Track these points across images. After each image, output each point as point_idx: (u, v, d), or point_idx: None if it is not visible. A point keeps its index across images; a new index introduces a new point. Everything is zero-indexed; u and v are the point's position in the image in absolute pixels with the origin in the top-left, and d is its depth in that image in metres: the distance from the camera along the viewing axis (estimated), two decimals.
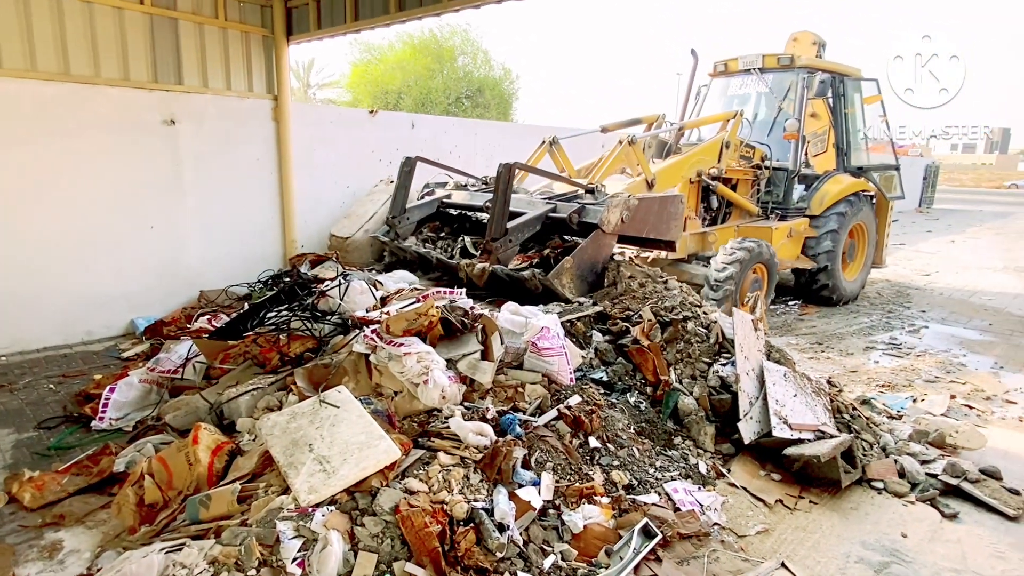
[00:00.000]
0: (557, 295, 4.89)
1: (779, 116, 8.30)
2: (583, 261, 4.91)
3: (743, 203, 7.93)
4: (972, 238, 16.37)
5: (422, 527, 2.67)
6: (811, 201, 8.20)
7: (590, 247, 4.92)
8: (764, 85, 8.42)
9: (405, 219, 6.22)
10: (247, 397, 3.79)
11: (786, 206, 8.19)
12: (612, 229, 4.97)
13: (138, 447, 3.75)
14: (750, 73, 8.47)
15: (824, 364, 6.11)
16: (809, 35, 8.87)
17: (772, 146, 8.20)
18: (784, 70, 8.18)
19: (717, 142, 7.43)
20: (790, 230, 7.94)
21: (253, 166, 7.22)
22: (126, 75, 6.14)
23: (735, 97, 8.83)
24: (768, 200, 8.21)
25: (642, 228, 5.22)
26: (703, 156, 7.34)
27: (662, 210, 5.37)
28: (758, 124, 8.49)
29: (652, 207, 5.30)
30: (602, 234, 4.94)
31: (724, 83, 8.98)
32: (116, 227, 6.20)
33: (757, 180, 8.13)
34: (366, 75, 25.36)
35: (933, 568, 3.03)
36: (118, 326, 6.35)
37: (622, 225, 5.01)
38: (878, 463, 3.82)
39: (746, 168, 7.96)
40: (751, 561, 3.04)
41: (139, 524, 3.11)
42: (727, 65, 8.73)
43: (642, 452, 3.70)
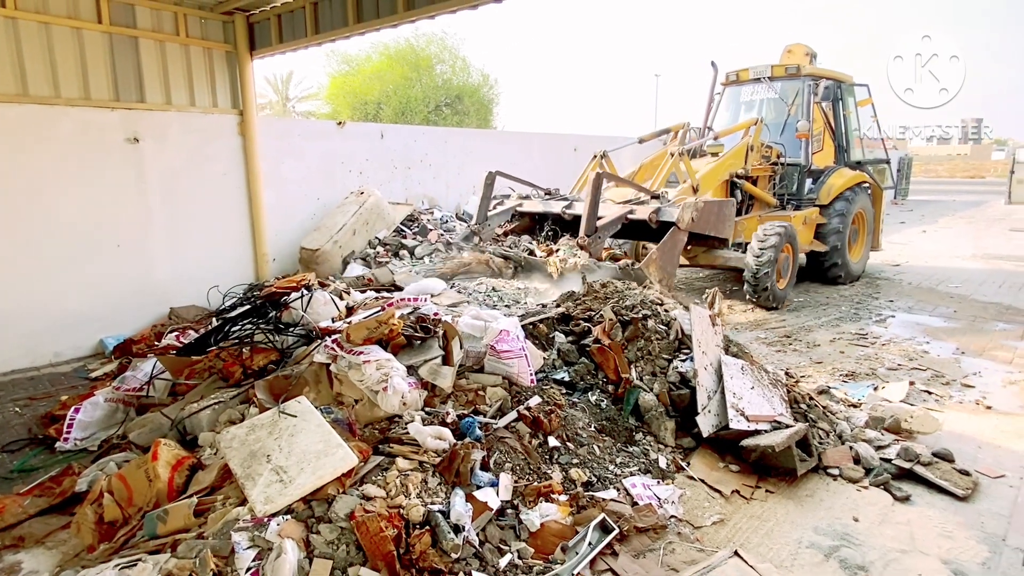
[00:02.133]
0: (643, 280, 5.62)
1: (788, 119, 9.38)
2: (665, 253, 5.81)
3: (764, 196, 8.90)
4: (944, 228, 16.66)
5: (377, 532, 2.70)
6: (819, 192, 9.28)
7: (669, 242, 5.87)
8: (774, 92, 9.53)
9: (487, 226, 7.08)
10: (209, 411, 3.81)
11: (799, 197, 9.25)
12: (685, 226, 5.91)
13: (100, 466, 3.75)
14: (760, 82, 9.59)
15: (791, 356, 6.21)
16: (802, 47, 10.05)
17: (785, 145, 9.25)
18: (791, 78, 9.34)
19: (743, 147, 8.42)
20: (804, 218, 9.01)
21: (221, 181, 7.23)
22: (87, 94, 6.14)
23: (745, 103, 9.94)
24: (783, 192, 9.27)
25: (706, 226, 6.16)
26: (733, 160, 8.34)
27: (720, 211, 6.41)
28: (768, 126, 9.39)
29: (713, 209, 6.31)
30: (678, 231, 5.89)
31: (736, 91, 10.06)
32: (82, 247, 6.19)
33: (774, 175, 9.18)
34: (344, 87, 25.34)
35: (881, 550, 3.11)
36: (87, 346, 6.33)
37: (692, 223, 5.93)
38: (833, 450, 3.91)
39: (765, 166, 8.97)
40: (706, 551, 3.10)
41: (98, 542, 3.11)
42: (738, 75, 9.82)
43: (602, 449, 3.75)
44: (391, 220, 8.41)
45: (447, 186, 10.36)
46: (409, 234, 8.40)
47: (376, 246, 7.98)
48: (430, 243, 8.15)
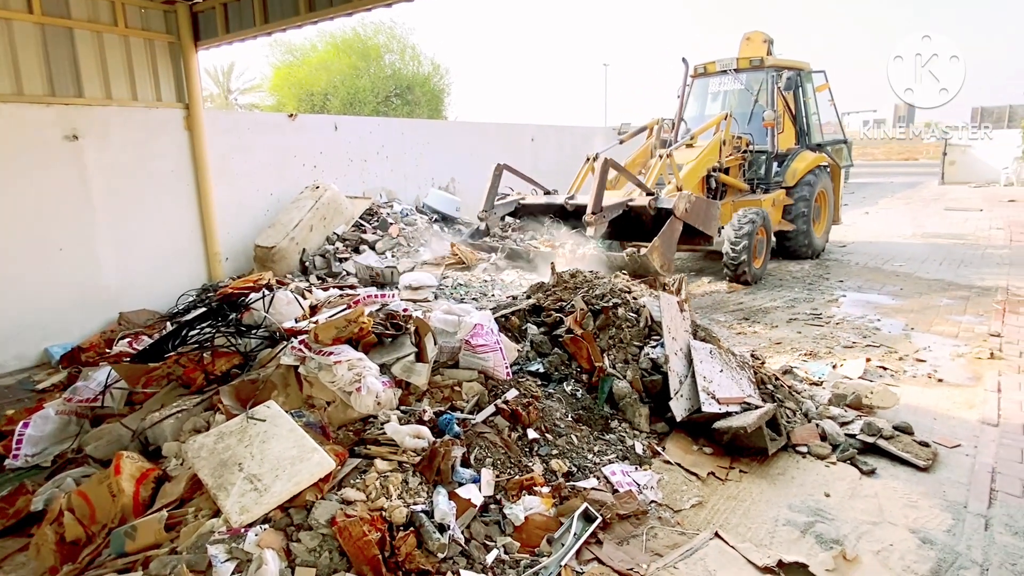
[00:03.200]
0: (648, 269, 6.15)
1: (755, 108, 9.94)
2: (664, 241, 6.32)
3: (737, 184, 9.52)
4: (884, 209, 17.39)
5: (360, 536, 2.64)
6: (785, 175, 9.91)
7: (668, 230, 6.41)
8: (739, 83, 10.11)
9: (493, 214, 7.63)
10: (172, 420, 3.65)
11: (767, 181, 9.90)
12: (681, 214, 6.48)
13: (57, 482, 3.55)
14: (726, 73, 10.15)
15: (751, 338, 6.37)
16: (760, 34, 10.49)
17: (752, 134, 9.79)
18: (755, 69, 9.91)
19: (717, 143, 8.99)
20: (773, 200, 9.65)
21: (168, 178, 6.92)
22: (18, 89, 5.76)
23: (712, 94, 10.52)
24: (753, 178, 9.93)
25: (696, 219, 6.78)
26: (709, 156, 8.84)
27: (708, 209, 7.12)
28: (736, 116, 9.78)
29: (702, 205, 7.01)
30: (675, 219, 6.42)
31: (704, 83, 10.57)
32: (20, 252, 5.83)
33: (744, 163, 9.79)
34: (289, 77, 24.56)
35: (853, 523, 3.23)
36: (31, 356, 5.98)
37: (686, 214, 6.50)
38: (801, 429, 4.03)
39: (736, 156, 9.57)
40: (687, 534, 3.15)
41: (61, 563, 2.95)
42: (706, 68, 10.35)
43: (580, 439, 3.77)
44: (349, 215, 8.22)
45: (405, 178, 10.20)
46: (369, 228, 8.23)
47: (335, 242, 7.79)
48: (391, 237, 8.01)
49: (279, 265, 7.23)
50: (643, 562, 2.94)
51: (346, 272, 7.18)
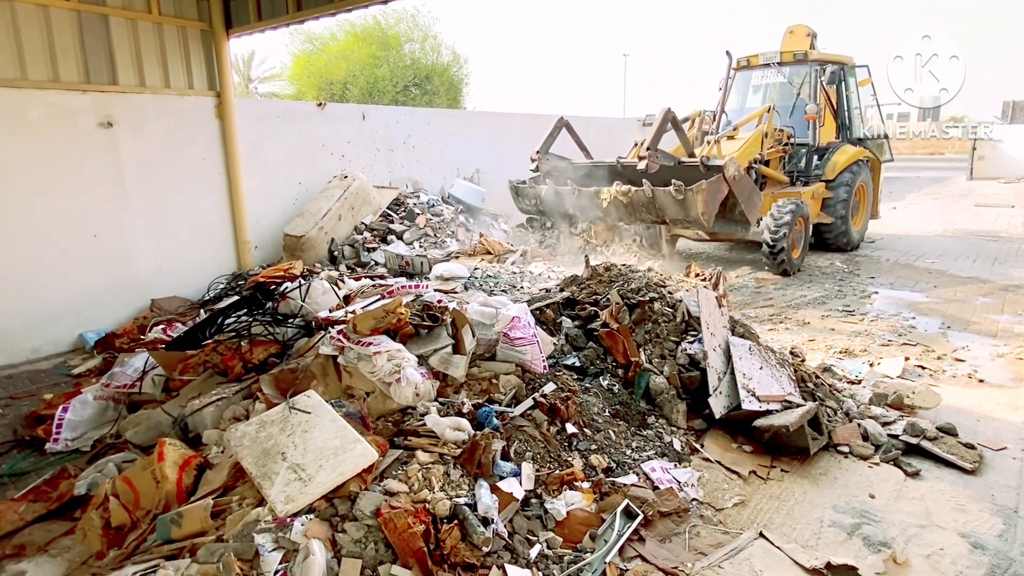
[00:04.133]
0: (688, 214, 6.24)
1: (796, 101, 10.00)
2: (710, 191, 6.16)
3: (778, 176, 9.53)
4: (912, 204, 17.05)
5: (405, 528, 2.63)
6: (825, 168, 9.96)
7: (715, 184, 6.24)
8: (782, 76, 10.16)
9: (546, 159, 7.74)
10: (212, 408, 3.67)
11: (807, 174, 9.93)
12: (729, 176, 6.33)
13: (99, 467, 3.58)
14: (769, 67, 10.23)
15: (783, 335, 6.28)
16: (803, 28, 10.42)
17: (793, 126, 9.79)
18: (799, 63, 9.99)
19: (759, 135, 9.03)
20: (812, 193, 9.69)
21: (199, 166, 6.95)
22: (55, 76, 5.80)
23: (754, 87, 10.59)
24: (792, 170, 9.94)
25: (741, 193, 6.57)
26: (751, 148, 8.87)
27: (753, 192, 6.95)
28: (777, 109, 9.77)
29: (748, 184, 6.84)
30: (722, 179, 6.26)
31: (746, 75, 10.63)
32: (56, 238, 5.89)
33: (784, 155, 9.82)
34: (309, 66, 24.60)
35: (901, 525, 3.16)
36: (66, 341, 6.06)
37: (734, 180, 6.37)
38: (843, 428, 3.96)
39: (778, 148, 9.57)
40: (731, 533, 3.11)
41: (107, 548, 2.98)
42: (748, 60, 10.40)
43: (618, 434, 3.74)
44: (377, 205, 8.22)
45: (431, 169, 10.17)
46: (396, 218, 8.22)
47: (363, 232, 7.79)
48: (418, 228, 7.99)
49: (308, 254, 7.25)
50: (687, 560, 2.91)
51: (374, 262, 7.19)
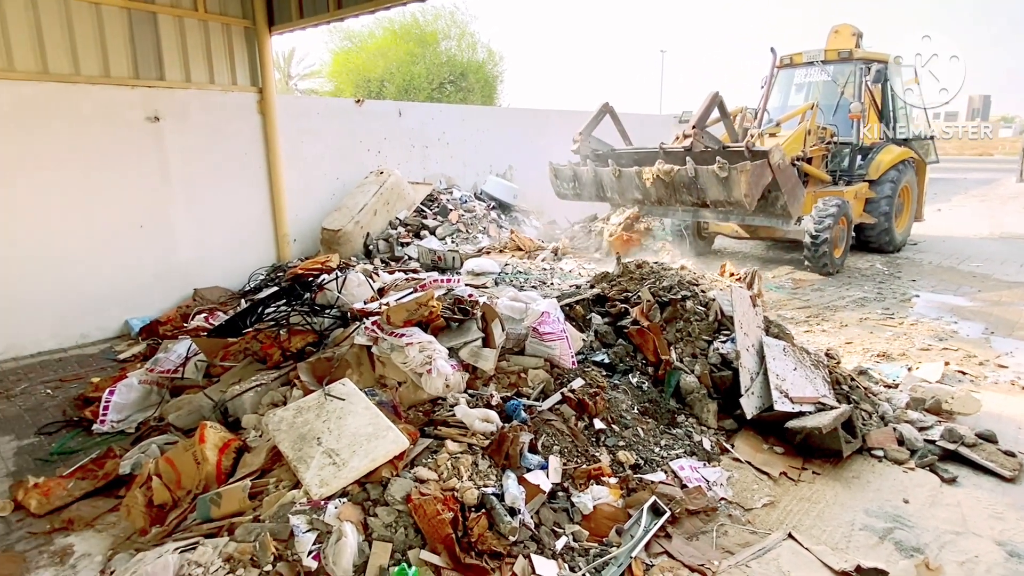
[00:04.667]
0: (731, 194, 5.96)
1: (840, 100, 9.80)
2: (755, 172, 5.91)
3: (820, 175, 9.33)
4: (958, 206, 16.50)
5: (434, 514, 2.69)
6: (869, 168, 9.78)
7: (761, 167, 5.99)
8: (826, 75, 10.02)
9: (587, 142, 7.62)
10: (251, 393, 3.79)
11: (850, 173, 9.77)
12: (773, 163, 6.06)
13: (142, 448, 3.74)
14: (813, 65, 10.08)
15: (819, 336, 6.17)
16: (848, 27, 10.26)
17: (836, 124, 9.63)
18: (843, 62, 9.80)
19: (802, 132, 8.84)
20: (855, 192, 9.51)
21: (241, 160, 7.15)
22: (106, 72, 6.04)
23: (797, 85, 10.44)
24: (835, 169, 9.77)
25: (784, 183, 6.29)
26: (793, 144, 8.64)
27: (796, 185, 6.61)
28: (821, 107, 9.63)
29: (792, 175, 6.57)
30: (767, 164, 5.98)
31: (789, 73, 10.50)
32: (104, 227, 6.13)
33: (827, 154, 9.62)
34: (347, 64, 24.99)
35: (935, 532, 3.10)
36: (112, 328, 6.31)
37: (779, 169, 6.10)
38: (878, 432, 3.89)
39: (820, 146, 9.38)
40: (759, 533, 3.09)
41: (150, 525, 3.11)
42: (792, 59, 10.25)
43: (647, 432, 3.73)
44: (411, 200, 8.32)
45: (464, 165, 10.24)
46: (429, 214, 8.32)
47: (397, 226, 7.91)
48: (451, 223, 8.07)
49: (344, 248, 7.39)
50: (714, 559, 2.90)
51: (407, 256, 7.29)
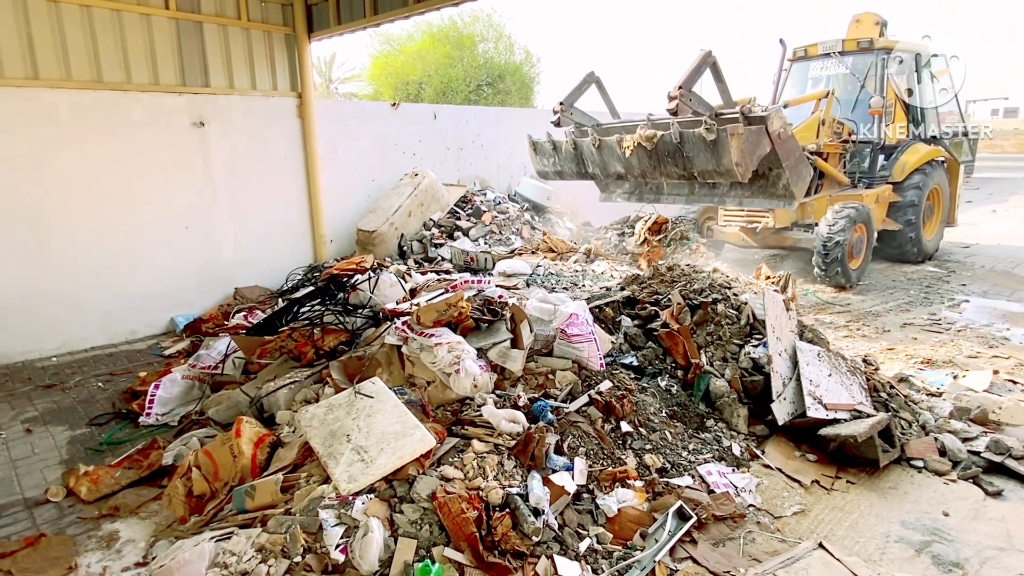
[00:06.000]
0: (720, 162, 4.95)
1: (860, 94, 9.02)
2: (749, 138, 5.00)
3: (836, 175, 8.50)
4: (1016, 207, 15.79)
5: (459, 513, 2.73)
6: (892, 169, 8.95)
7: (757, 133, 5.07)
8: (844, 67, 9.15)
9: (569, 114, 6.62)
10: (285, 390, 3.91)
11: (871, 175, 9.02)
12: (773, 129, 5.14)
13: (184, 441, 3.90)
14: (829, 56, 9.20)
15: (859, 342, 6.00)
16: (871, 15, 9.47)
17: (856, 122, 8.90)
18: (863, 52, 8.93)
19: (815, 120, 8.03)
20: (876, 196, 8.70)
21: (281, 164, 7.35)
22: (156, 80, 6.29)
23: (813, 79, 9.53)
24: (854, 171, 9.02)
25: (785, 155, 5.35)
26: (804, 133, 7.85)
27: (800, 162, 5.55)
28: (839, 103, 8.95)
29: (796, 147, 5.52)
30: (764, 130, 5.11)
31: (804, 67, 9.66)
32: (153, 228, 6.40)
33: (845, 153, 8.81)
34: (386, 67, 25.40)
35: (976, 546, 2.99)
36: (159, 324, 6.57)
37: (779, 138, 5.20)
38: (917, 441, 3.76)
39: (836, 143, 8.59)
40: (788, 542, 3.03)
41: (189, 514, 3.24)
42: (806, 50, 9.45)
43: (674, 435, 3.70)
44: (445, 202, 8.42)
45: (498, 167, 10.30)
46: (463, 215, 8.40)
47: (431, 228, 8.01)
48: (484, 225, 8.13)
49: (379, 249, 7.53)
50: (740, 566, 2.86)
51: (441, 257, 7.38)
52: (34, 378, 5.39)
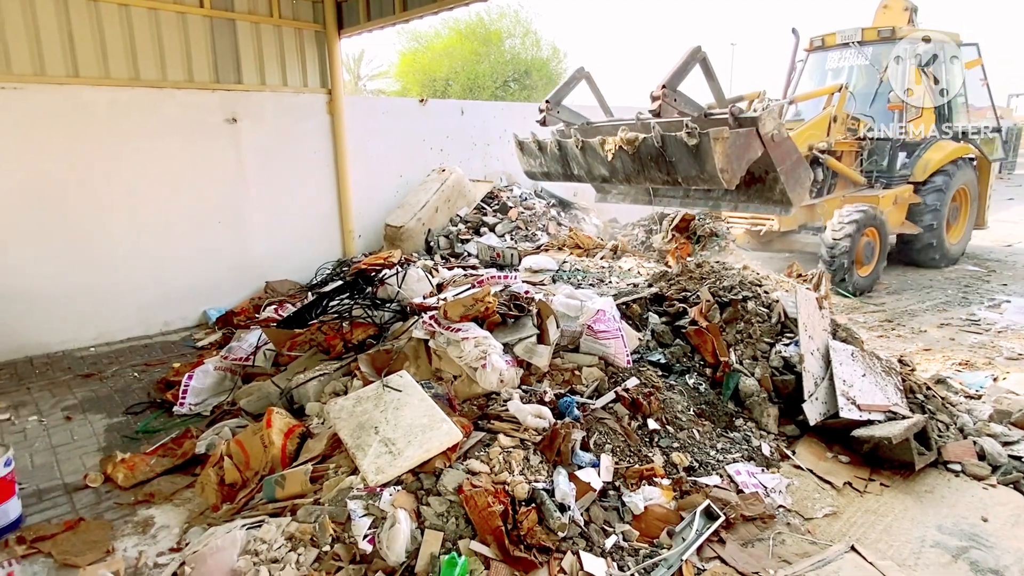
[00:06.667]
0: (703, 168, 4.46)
1: (880, 87, 8.44)
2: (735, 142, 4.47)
3: (850, 174, 8.02)
4: None
5: (485, 507, 2.73)
6: (914, 168, 8.38)
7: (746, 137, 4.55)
8: (864, 58, 8.53)
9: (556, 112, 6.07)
10: (315, 382, 3.96)
11: (890, 174, 8.38)
12: (765, 132, 4.63)
13: (216, 430, 3.97)
14: (848, 47, 8.58)
15: (895, 342, 5.85)
16: (901, 1, 8.97)
17: (874, 117, 8.34)
18: (885, 41, 8.31)
19: (826, 117, 7.52)
20: (895, 197, 8.11)
21: (311, 159, 7.45)
22: (190, 77, 6.42)
23: (831, 71, 8.93)
24: (872, 169, 8.41)
25: (780, 158, 4.82)
26: (813, 131, 7.43)
27: (798, 165, 5.02)
28: (857, 96, 8.50)
29: (793, 153, 4.98)
30: (755, 133, 4.60)
31: (820, 58, 9.04)
32: (187, 223, 6.54)
33: (861, 151, 8.27)
34: (414, 64, 25.58)
35: (1017, 553, 2.89)
36: (192, 317, 6.72)
37: (771, 141, 4.68)
38: (955, 445, 3.66)
39: (851, 140, 8.10)
40: (819, 544, 2.98)
41: (221, 502, 3.31)
42: (824, 40, 8.84)
43: (702, 434, 3.66)
44: (472, 197, 8.44)
45: None
46: (490, 211, 8.42)
47: (458, 223, 8.05)
48: (510, 220, 8.14)
49: (406, 244, 7.58)
50: (769, 567, 2.82)
51: (467, 252, 7.41)
52: (73, 367, 5.55)
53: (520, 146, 6.22)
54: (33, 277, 5.67)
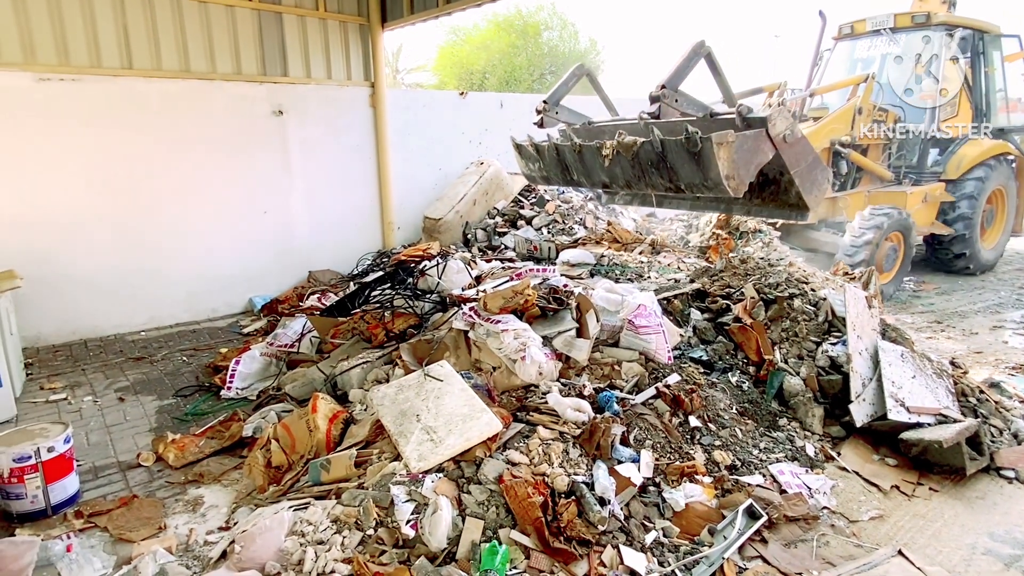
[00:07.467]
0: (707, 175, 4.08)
1: (912, 78, 7.93)
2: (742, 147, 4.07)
3: (876, 169, 7.58)
4: None
5: (525, 497, 2.75)
6: (947, 165, 7.90)
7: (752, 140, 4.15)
8: (895, 46, 8.00)
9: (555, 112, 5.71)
10: (358, 370, 4.04)
11: (920, 170, 7.95)
12: (776, 134, 4.21)
13: (263, 414, 4.09)
14: (879, 34, 8.06)
15: (944, 344, 5.67)
16: None
17: (904, 109, 7.86)
18: (918, 29, 7.78)
19: (850, 109, 7.12)
20: (925, 195, 7.63)
21: (354, 152, 7.56)
22: (238, 69, 6.58)
23: (861, 60, 8.40)
24: (900, 164, 7.94)
25: (796, 164, 4.44)
26: (836, 124, 7.06)
27: (815, 166, 4.59)
28: (887, 87, 8.02)
29: (809, 154, 4.54)
30: (765, 134, 4.20)
31: (850, 46, 8.52)
32: (235, 212, 6.72)
33: (889, 145, 7.81)
34: (451, 57, 25.68)
35: None
36: (239, 304, 6.90)
37: (783, 142, 4.26)
38: (1009, 450, 3.54)
39: (878, 133, 7.60)
40: (864, 547, 2.92)
41: (268, 484, 3.41)
42: (853, 27, 8.31)
43: (745, 433, 3.61)
44: (509, 190, 8.46)
45: None
46: (527, 204, 8.41)
47: (495, 216, 8.07)
48: (547, 214, 8.12)
49: (444, 236, 7.65)
50: (812, 568, 2.77)
51: (504, 245, 7.43)
52: (125, 351, 5.77)
53: (518, 149, 5.87)
54: (88, 264, 5.91)
